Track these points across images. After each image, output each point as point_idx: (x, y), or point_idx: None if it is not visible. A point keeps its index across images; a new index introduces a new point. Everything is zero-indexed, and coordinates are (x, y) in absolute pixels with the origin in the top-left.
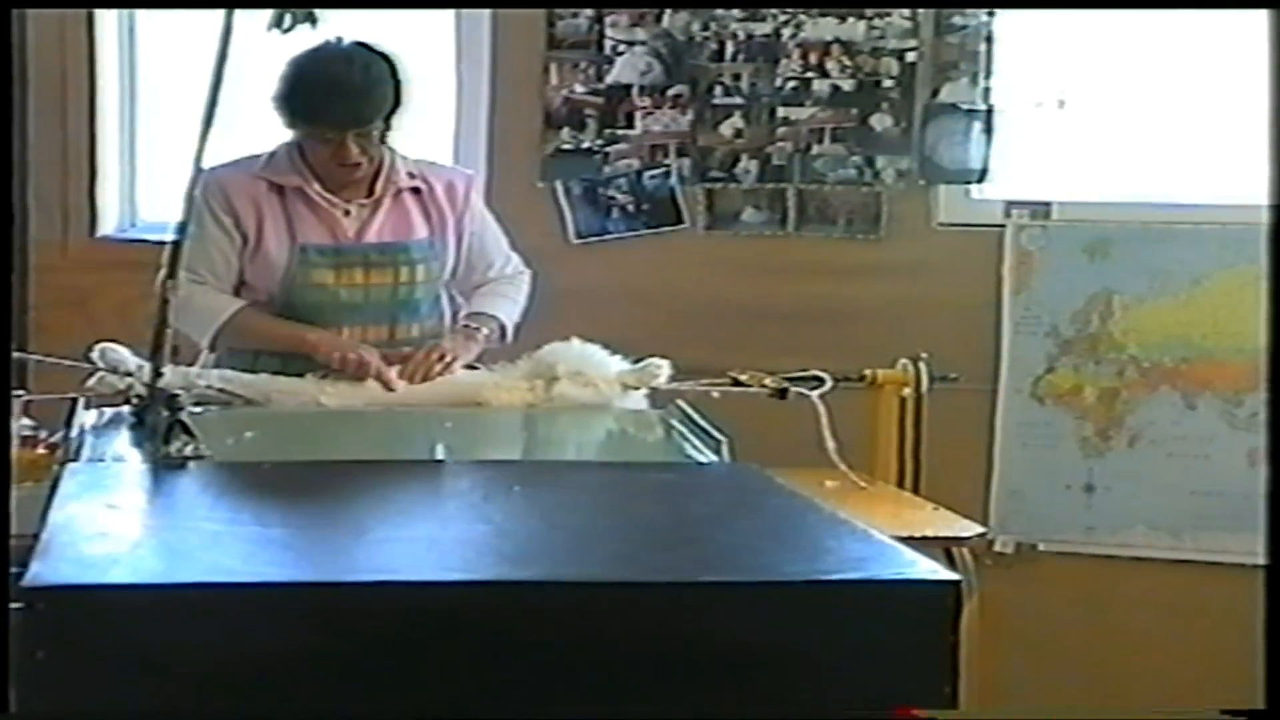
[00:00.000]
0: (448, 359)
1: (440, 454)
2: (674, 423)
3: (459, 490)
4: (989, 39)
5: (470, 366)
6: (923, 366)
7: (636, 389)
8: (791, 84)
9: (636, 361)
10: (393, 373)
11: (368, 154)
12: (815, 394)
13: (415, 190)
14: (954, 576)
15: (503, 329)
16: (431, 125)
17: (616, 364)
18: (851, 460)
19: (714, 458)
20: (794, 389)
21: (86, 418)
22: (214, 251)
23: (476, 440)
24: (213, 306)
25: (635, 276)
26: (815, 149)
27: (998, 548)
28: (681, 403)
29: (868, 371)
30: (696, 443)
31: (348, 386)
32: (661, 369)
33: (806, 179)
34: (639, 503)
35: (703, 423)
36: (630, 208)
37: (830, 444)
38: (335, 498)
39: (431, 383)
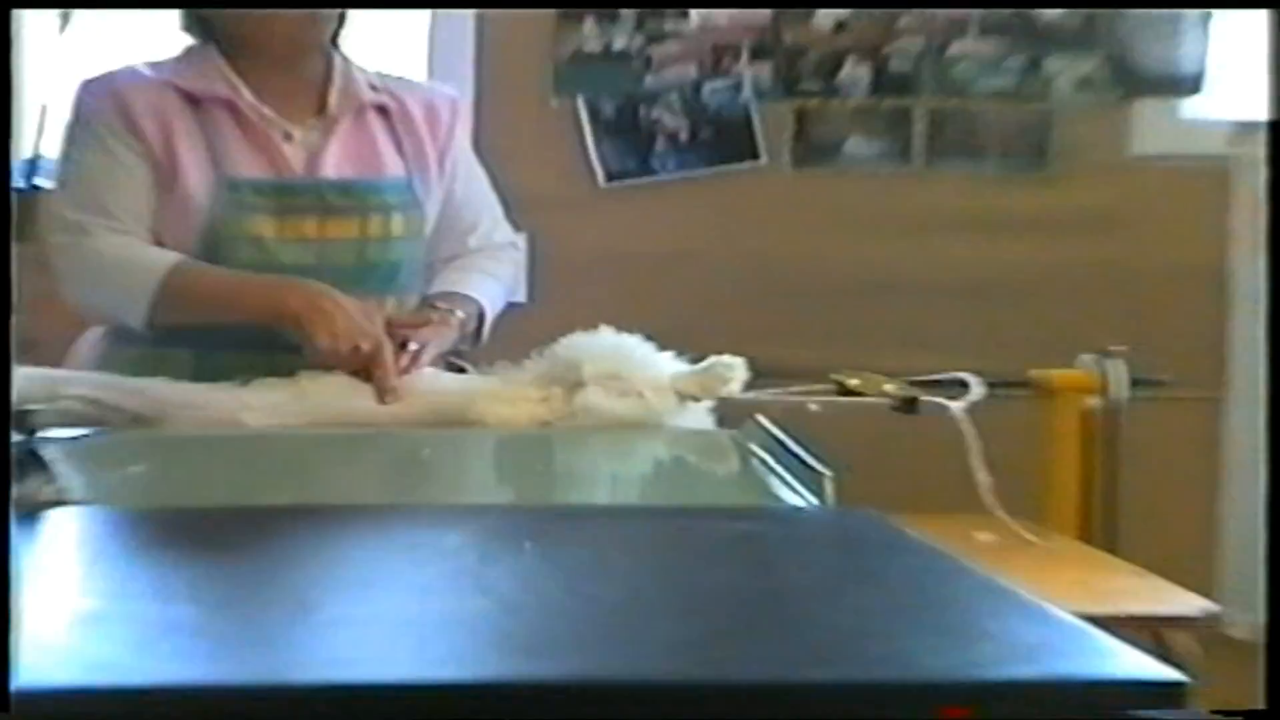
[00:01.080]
0: (414, 348)
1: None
2: (754, 448)
3: (444, 548)
4: None
5: (454, 367)
6: (1117, 365)
7: (698, 399)
8: None
9: (697, 360)
10: (400, 379)
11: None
12: (958, 405)
13: (382, 110)
14: (1174, 676)
15: (481, 319)
16: (399, 27)
17: (668, 364)
18: (1014, 502)
19: (814, 500)
20: (927, 398)
21: None
22: (126, 184)
23: (467, 474)
24: (143, 262)
25: (691, 236)
26: (954, 48)
27: (1233, 632)
28: (763, 419)
29: (1035, 373)
30: (788, 477)
31: (283, 398)
32: (733, 370)
33: (941, 91)
34: (707, 566)
35: (796, 448)
36: (683, 136)
37: (982, 479)
38: (267, 559)
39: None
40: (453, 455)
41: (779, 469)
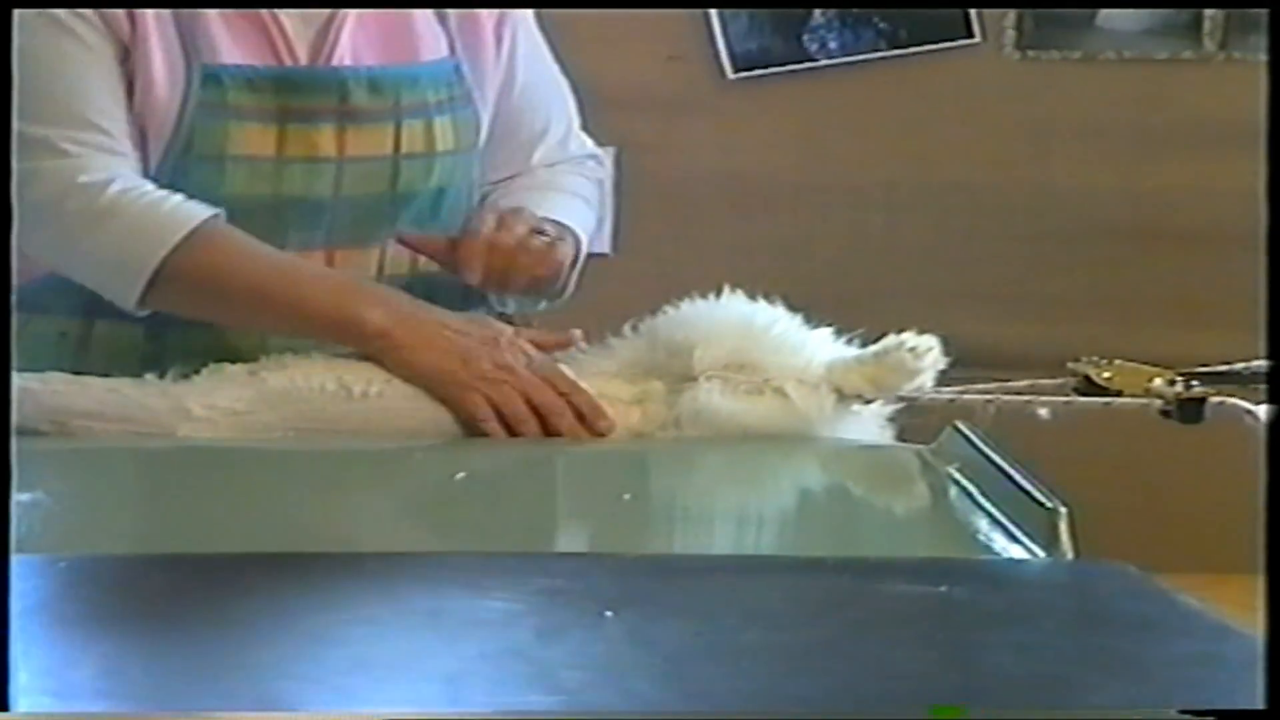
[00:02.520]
0: (536, 249)
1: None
2: (953, 471)
3: (484, 617)
4: None
5: None
6: None
7: (869, 400)
8: None
9: (868, 341)
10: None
11: None
12: (1265, 410)
13: None
14: None
15: (576, 254)
16: None
17: (823, 346)
18: None
19: (1041, 549)
20: (1218, 398)
21: None
22: (98, 77)
23: (517, 508)
24: (151, 211)
25: (862, 153)
26: None
27: None
28: (964, 426)
29: None
30: (1002, 515)
31: (240, 398)
32: (923, 356)
33: None
34: (883, 648)
35: (1016, 472)
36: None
37: None
38: (223, 633)
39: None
40: (498, 480)
41: (988, 503)
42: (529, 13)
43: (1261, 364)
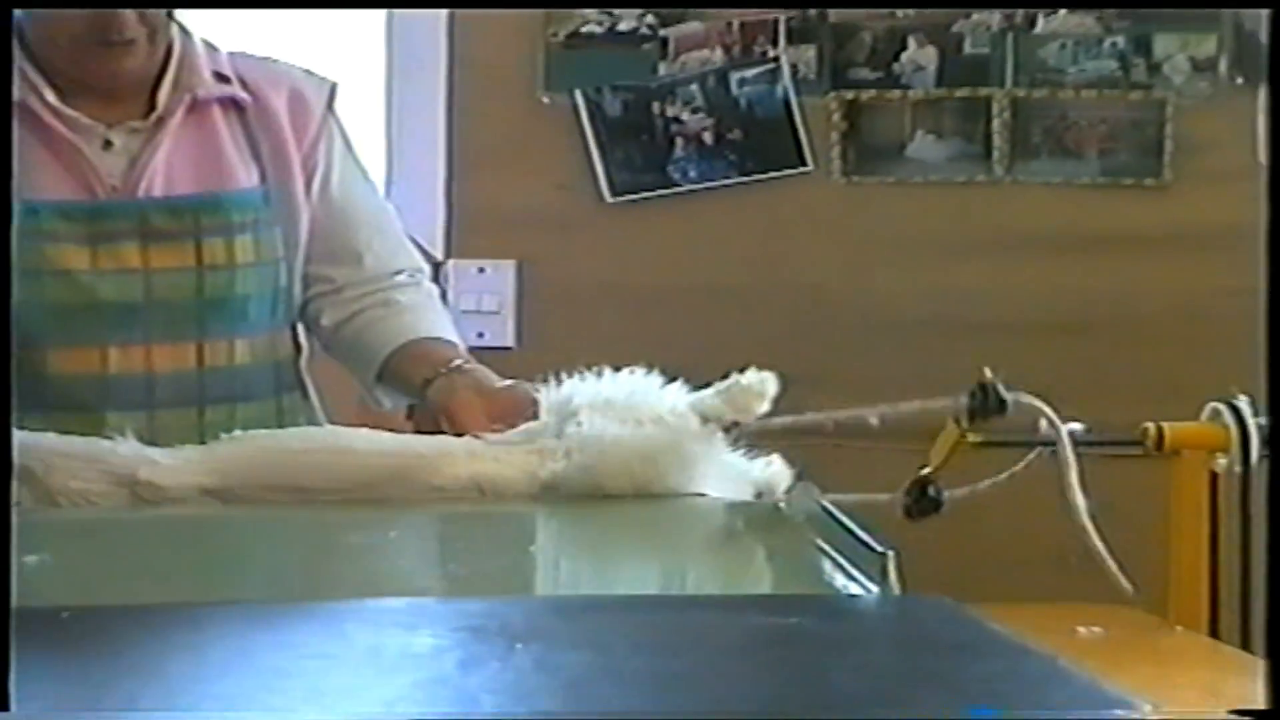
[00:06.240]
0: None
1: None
2: (803, 523)
3: (414, 651)
4: None
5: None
6: (1250, 416)
7: (728, 427)
8: None
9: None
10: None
11: (148, 25)
12: (1066, 429)
13: (233, 103)
14: None
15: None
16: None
17: (681, 393)
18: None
19: (872, 586)
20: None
21: None
22: None
23: (437, 557)
24: None
25: (718, 263)
26: (1041, 24)
27: None
28: (814, 486)
29: (1150, 425)
30: (841, 558)
31: (194, 454)
32: (765, 384)
33: (1027, 80)
34: (741, 671)
35: (851, 523)
36: (708, 138)
37: (1083, 511)
38: (196, 666)
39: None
40: (424, 536)
41: (831, 548)
42: (344, 144)
43: (1041, 428)
